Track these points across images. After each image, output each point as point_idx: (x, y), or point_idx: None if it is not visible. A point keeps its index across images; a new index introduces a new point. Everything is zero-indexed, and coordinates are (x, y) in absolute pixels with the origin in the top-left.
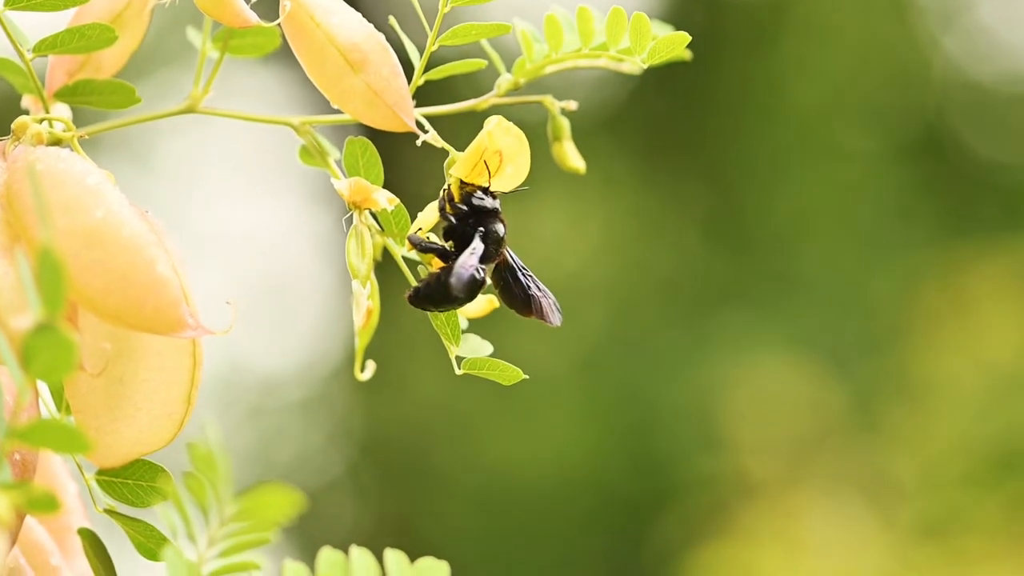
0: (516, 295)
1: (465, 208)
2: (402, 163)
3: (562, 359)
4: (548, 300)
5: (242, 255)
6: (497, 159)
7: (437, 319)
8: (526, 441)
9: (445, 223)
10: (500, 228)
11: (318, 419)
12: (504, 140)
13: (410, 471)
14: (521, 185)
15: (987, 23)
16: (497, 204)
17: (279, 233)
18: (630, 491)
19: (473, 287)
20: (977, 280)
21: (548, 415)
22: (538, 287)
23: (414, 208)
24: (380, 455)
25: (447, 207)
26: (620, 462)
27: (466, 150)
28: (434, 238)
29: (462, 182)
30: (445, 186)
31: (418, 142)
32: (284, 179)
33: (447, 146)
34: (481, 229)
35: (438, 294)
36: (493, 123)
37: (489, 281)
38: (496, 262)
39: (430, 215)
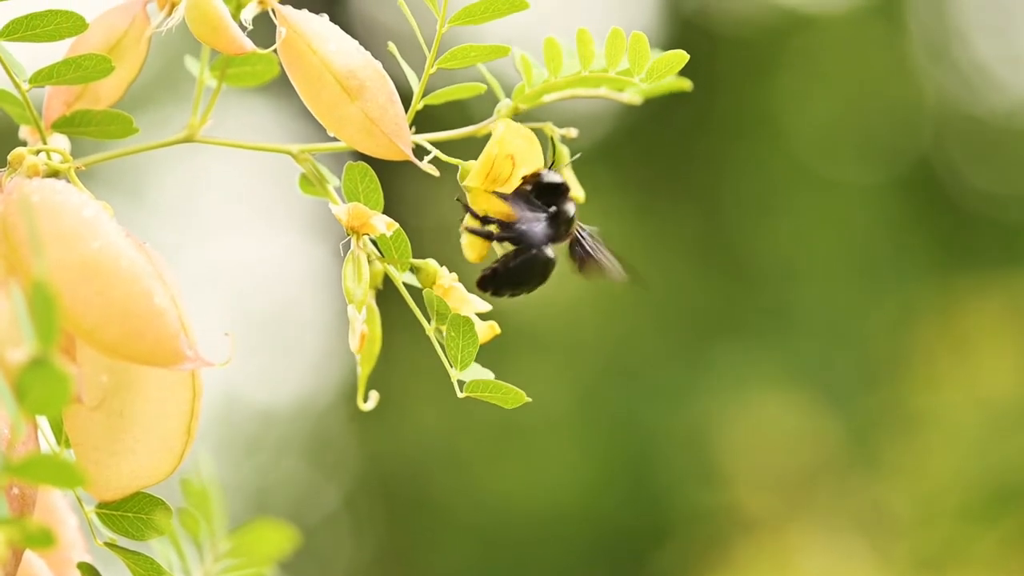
0: (591, 267)
1: (532, 194)
2: (402, 189)
3: (559, 391)
4: (616, 263)
5: (239, 286)
6: (510, 163)
7: (454, 340)
8: (524, 473)
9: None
10: (570, 207)
11: (316, 452)
12: (515, 143)
13: (408, 504)
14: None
15: (981, 57)
16: (561, 180)
17: (277, 264)
18: (627, 523)
19: (549, 268)
20: (974, 315)
21: (545, 447)
22: (607, 254)
23: (413, 235)
24: (378, 488)
25: (510, 201)
26: (617, 494)
27: (478, 159)
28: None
29: (525, 177)
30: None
31: (424, 162)
32: (282, 209)
33: (457, 161)
34: (552, 209)
35: (516, 276)
36: (502, 128)
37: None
38: (569, 240)
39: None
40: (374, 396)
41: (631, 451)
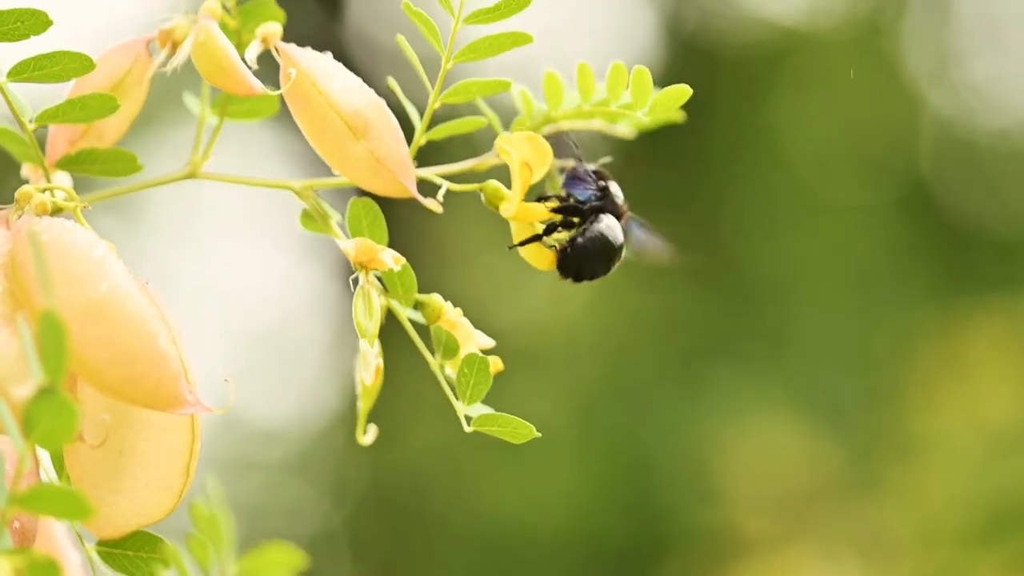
0: (649, 247)
1: (579, 188)
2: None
3: (558, 410)
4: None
5: (239, 304)
6: (528, 170)
7: (467, 377)
8: (523, 491)
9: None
10: (615, 187)
11: (316, 470)
12: (522, 149)
13: (408, 521)
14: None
15: (978, 79)
16: (595, 167)
17: (277, 283)
18: (626, 542)
19: (618, 244)
20: (973, 337)
21: (545, 465)
22: (658, 234)
23: (417, 267)
24: (378, 506)
25: (562, 194)
26: (616, 513)
27: (512, 188)
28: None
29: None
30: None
31: (434, 199)
32: (280, 233)
33: (473, 186)
34: (601, 191)
35: (588, 250)
36: (515, 155)
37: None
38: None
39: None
40: (373, 430)
41: (631, 470)
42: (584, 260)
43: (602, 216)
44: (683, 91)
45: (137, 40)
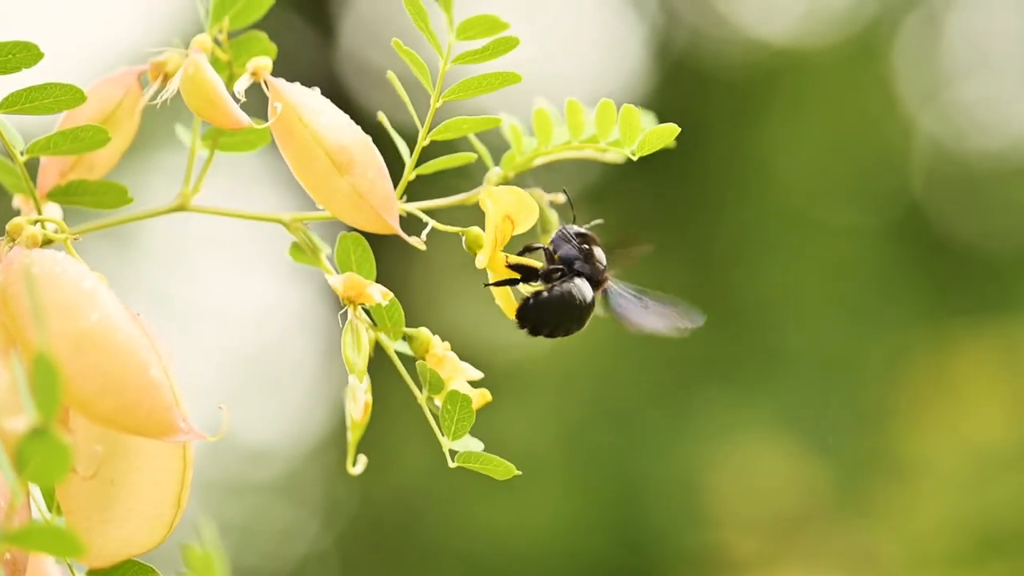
0: (632, 317)
1: (563, 248)
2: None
3: (547, 433)
4: (668, 309)
5: (229, 326)
6: (509, 224)
7: (450, 413)
8: (513, 513)
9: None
10: (598, 251)
11: (306, 491)
12: (505, 201)
13: (398, 542)
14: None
15: (970, 100)
16: (587, 231)
17: (266, 305)
18: (616, 564)
19: (586, 307)
20: (964, 359)
21: (534, 488)
22: (654, 303)
23: (404, 301)
24: (368, 528)
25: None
26: (606, 535)
27: (486, 239)
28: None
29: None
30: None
31: (422, 239)
32: (269, 256)
33: (449, 228)
34: (581, 247)
35: (553, 309)
36: (491, 205)
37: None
38: (603, 287)
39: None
40: (363, 460)
41: (620, 492)
42: (544, 315)
43: (576, 279)
44: (671, 129)
45: (128, 72)
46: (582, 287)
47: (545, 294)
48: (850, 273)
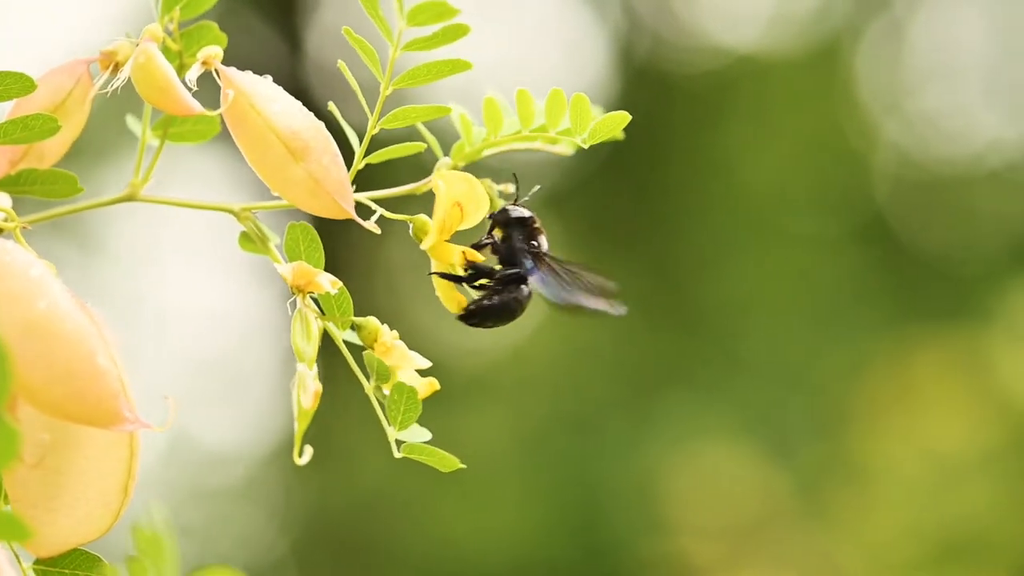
0: (567, 300)
1: (501, 235)
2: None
3: (507, 437)
4: (597, 289)
5: (184, 331)
6: (458, 211)
7: (396, 403)
8: (472, 518)
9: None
10: (542, 240)
11: (262, 495)
12: (457, 188)
13: (355, 549)
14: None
15: (933, 108)
16: (529, 214)
17: (223, 309)
18: (576, 570)
19: (525, 302)
20: (924, 367)
21: (493, 493)
22: (587, 283)
23: (355, 290)
24: (325, 533)
25: (487, 240)
26: (566, 541)
27: (433, 222)
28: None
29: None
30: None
31: (371, 223)
32: (224, 257)
33: (402, 217)
34: (522, 245)
35: (496, 311)
36: (443, 186)
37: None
38: (545, 270)
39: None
40: (308, 451)
41: (580, 499)
42: (485, 320)
43: (521, 287)
44: (622, 117)
45: (79, 61)
46: (523, 291)
47: (487, 303)
48: (812, 280)
